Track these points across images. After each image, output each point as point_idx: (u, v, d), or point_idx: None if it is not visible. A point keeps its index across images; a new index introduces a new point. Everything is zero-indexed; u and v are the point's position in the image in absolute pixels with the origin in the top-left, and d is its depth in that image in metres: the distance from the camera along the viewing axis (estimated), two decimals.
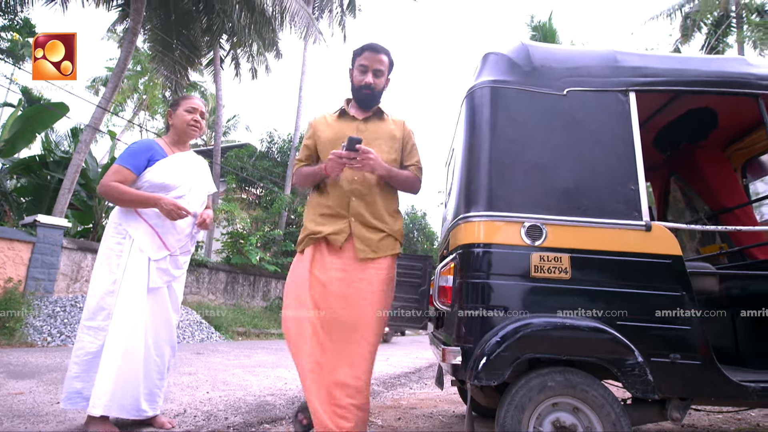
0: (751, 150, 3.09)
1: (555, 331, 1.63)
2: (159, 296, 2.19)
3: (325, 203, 1.95)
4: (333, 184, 1.95)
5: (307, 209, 2.04)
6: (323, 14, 17.28)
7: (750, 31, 12.97)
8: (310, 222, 1.96)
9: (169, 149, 2.33)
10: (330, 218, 1.92)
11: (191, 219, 2.30)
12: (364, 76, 1.98)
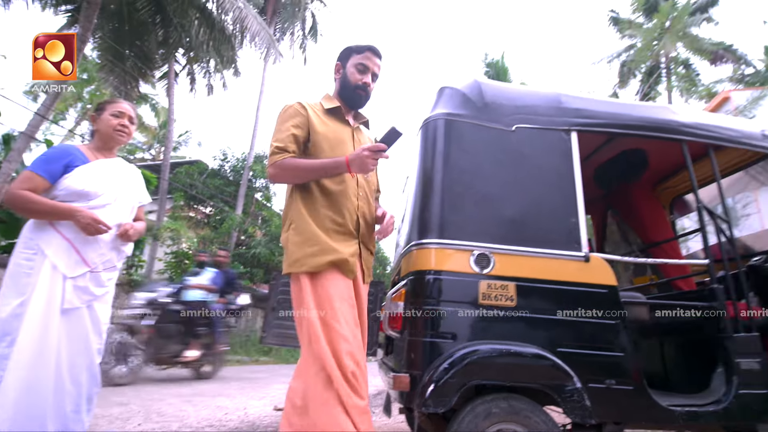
0: (677, 189, 3.39)
1: (500, 358, 1.67)
2: (76, 318, 1.94)
3: (333, 217, 1.65)
4: (340, 195, 1.68)
5: (306, 219, 1.64)
6: (284, 36, 17.40)
7: (677, 81, 14.39)
8: (324, 235, 1.61)
9: (92, 155, 2.12)
10: (342, 237, 1.64)
11: (116, 231, 2.08)
12: (363, 75, 1.81)
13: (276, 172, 1.67)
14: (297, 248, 1.60)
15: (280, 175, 1.67)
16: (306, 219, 1.64)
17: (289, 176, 1.68)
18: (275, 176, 1.68)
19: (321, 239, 1.59)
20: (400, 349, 1.81)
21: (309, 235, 1.60)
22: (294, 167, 1.65)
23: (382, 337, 2.53)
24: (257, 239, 14.10)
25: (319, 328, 1.48)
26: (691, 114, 2.36)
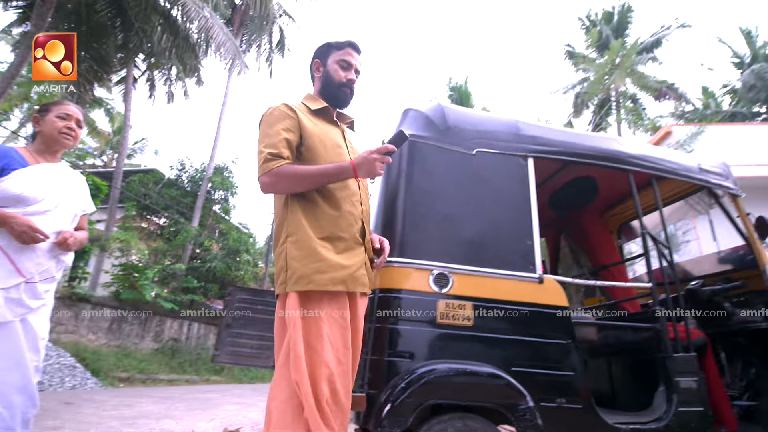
0: (624, 216, 3.58)
1: (457, 377, 1.69)
2: (8, 333, 1.80)
3: (339, 226, 1.50)
4: (345, 201, 1.54)
5: (307, 231, 1.47)
6: (251, 48, 17.28)
7: (625, 114, 15.37)
8: (326, 250, 1.46)
9: (33, 158, 2.01)
10: (349, 247, 1.50)
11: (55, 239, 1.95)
12: (347, 72, 1.69)
13: (271, 180, 1.47)
14: (300, 264, 1.43)
15: (277, 184, 1.48)
16: (307, 231, 1.46)
17: (287, 185, 1.50)
18: (270, 185, 1.49)
19: (323, 254, 1.44)
20: (362, 368, 1.80)
21: (310, 251, 1.44)
22: (293, 175, 1.47)
23: None
24: (213, 253, 13.65)
25: (302, 351, 1.36)
26: (637, 146, 2.53)
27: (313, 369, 1.36)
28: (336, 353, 1.41)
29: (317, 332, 1.40)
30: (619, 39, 16.08)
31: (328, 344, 1.39)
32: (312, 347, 1.38)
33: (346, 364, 1.43)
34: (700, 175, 2.59)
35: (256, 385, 11.21)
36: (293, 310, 1.42)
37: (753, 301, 2.56)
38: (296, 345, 1.38)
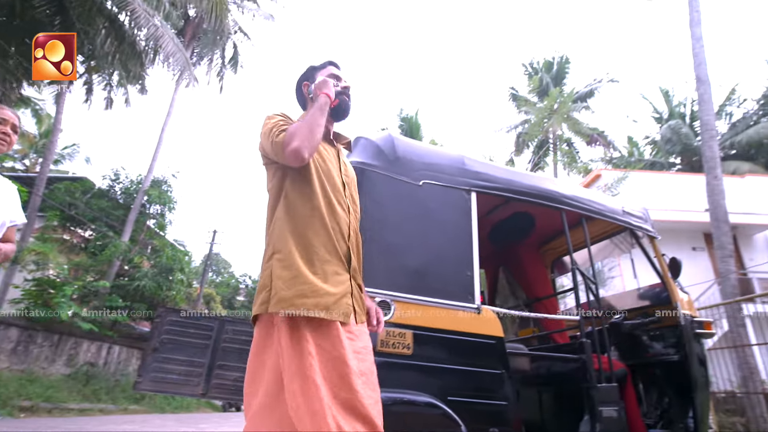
0: (558, 251, 3.80)
1: (394, 407, 1.68)
2: None
3: (325, 245, 1.43)
4: (331, 220, 1.47)
5: (292, 249, 1.39)
6: (202, 61, 16.88)
7: (561, 156, 16.52)
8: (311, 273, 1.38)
9: None
10: (333, 270, 1.43)
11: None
12: (340, 81, 1.66)
13: (298, 144, 1.39)
14: (284, 284, 1.35)
15: (304, 139, 1.40)
16: (293, 250, 1.40)
17: (309, 136, 1.42)
18: (302, 148, 1.39)
19: (309, 278, 1.36)
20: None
21: (296, 272, 1.36)
22: (301, 126, 1.43)
23: None
24: (143, 270, 12.77)
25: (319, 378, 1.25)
26: (571, 187, 2.72)
27: (311, 404, 1.23)
28: (332, 385, 1.28)
29: (309, 362, 1.28)
30: (557, 87, 17.44)
31: (322, 376, 1.28)
32: (309, 379, 1.26)
33: (345, 398, 1.28)
34: (623, 217, 2.82)
35: (180, 415, 10.44)
36: (279, 334, 1.33)
37: (667, 335, 2.79)
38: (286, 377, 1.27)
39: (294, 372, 1.27)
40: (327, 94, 1.50)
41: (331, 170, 1.55)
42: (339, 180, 1.56)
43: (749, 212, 12.55)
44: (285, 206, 1.48)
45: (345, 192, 1.56)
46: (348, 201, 1.55)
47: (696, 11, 8.95)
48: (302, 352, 1.29)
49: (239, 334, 2.64)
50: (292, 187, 1.49)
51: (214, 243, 22.47)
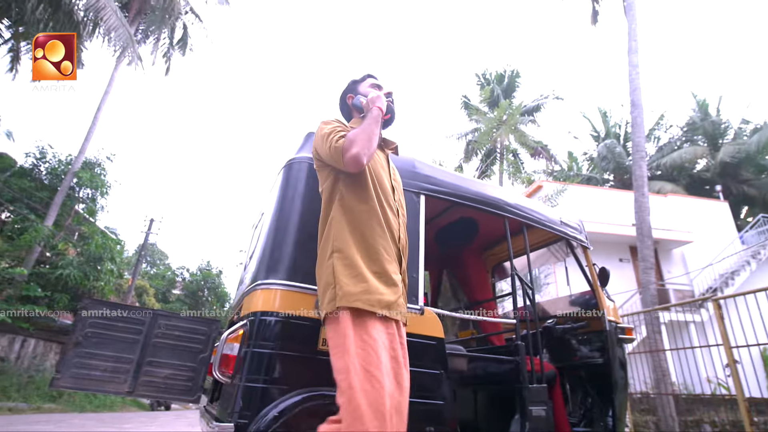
0: (499, 257, 3.95)
1: (334, 405, 1.66)
2: None
3: (385, 246, 1.48)
4: (386, 222, 1.52)
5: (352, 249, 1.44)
6: (147, 40, 15.91)
7: (507, 165, 17.20)
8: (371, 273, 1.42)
9: None
10: (392, 270, 1.48)
11: None
12: (382, 90, 1.77)
13: (351, 148, 1.45)
14: (350, 281, 1.38)
15: (363, 147, 1.45)
16: (353, 250, 1.43)
17: (367, 144, 1.47)
18: (360, 155, 1.44)
19: (368, 276, 1.40)
20: (229, 395, 1.68)
21: (358, 270, 1.40)
22: (359, 133, 1.48)
23: (210, 382, 2.31)
24: (68, 258, 11.82)
25: (357, 381, 1.24)
26: (514, 196, 2.84)
27: (376, 402, 1.21)
28: (391, 387, 1.27)
29: (377, 359, 1.27)
30: (507, 99, 18.15)
31: (388, 373, 1.28)
32: (373, 377, 1.24)
33: (397, 400, 1.28)
34: (561, 228, 2.98)
35: (102, 415, 9.78)
36: (343, 329, 1.32)
37: (593, 340, 2.98)
38: (348, 372, 1.26)
39: (357, 367, 1.26)
40: (380, 108, 1.58)
41: (382, 174, 1.61)
42: (388, 184, 1.62)
43: (669, 229, 13.72)
44: (341, 207, 1.52)
45: (394, 196, 1.62)
46: (396, 205, 1.61)
47: (634, 40, 9.65)
48: (365, 347, 1.29)
49: (173, 329, 2.51)
50: (347, 189, 1.53)
51: (150, 232, 21.26)
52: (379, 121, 1.55)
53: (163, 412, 13.99)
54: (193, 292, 25.11)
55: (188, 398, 2.42)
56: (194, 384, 2.46)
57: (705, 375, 4.97)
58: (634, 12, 9.93)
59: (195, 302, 24.16)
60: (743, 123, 20.92)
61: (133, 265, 20.52)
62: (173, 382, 2.45)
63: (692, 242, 14.00)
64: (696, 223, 14.59)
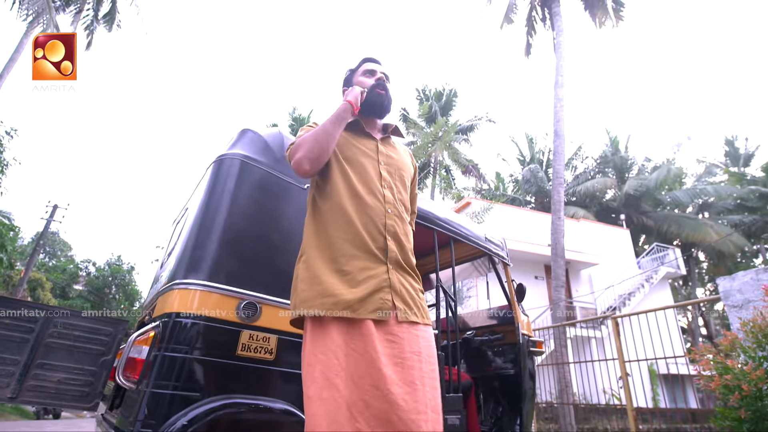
0: (426, 268, 4.05)
1: (249, 413, 1.60)
2: None
3: (349, 240, 1.36)
4: (360, 214, 1.40)
5: (313, 250, 1.38)
6: (68, 8, 14.50)
7: (439, 180, 17.79)
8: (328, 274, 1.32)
9: None
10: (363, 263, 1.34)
11: None
12: (374, 76, 1.66)
13: (296, 153, 1.40)
14: (306, 286, 1.31)
15: (301, 152, 1.39)
16: (314, 251, 1.37)
17: (309, 146, 1.40)
18: (299, 159, 1.39)
19: (323, 278, 1.30)
20: (133, 402, 1.55)
21: (314, 272, 1.32)
22: (308, 136, 1.42)
23: (111, 388, 2.12)
24: None
25: (313, 390, 1.17)
26: (444, 210, 2.93)
27: (333, 412, 1.13)
28: (362, 393, 1.16)
29: (337, 365, 1.18)
30: (444, 117, 18.84)
31: (351, 381, 1.17)
32: (332, 384, 1.16)
33: (379, 409, 1.15)
34: (485, 244, 3.13)
35: None
36: (306, 336, 1.28)
37: (507, 352, 3.15)
38: (305, 381, 1.20)
39: (315, 375, 1.18)
40: (349, 102, 1.48)
41: (363, 162, 1.50)
42: (374, 171, 1.50)
43: (580, 251, 14.95)
44: (311, 210, 1.49)
45: (382, 182, 1.48)
46: (386, 190, 1.48)
47: (561, 75, 10.48)
48: (326, 353, 1.20)
49: (72, 328, 2.27)
50: (317, 190, 1.50)
51: (51, 219, 19.19)
52: (342, 117, 1.46)
53: (51, 420, 12.58)
54: (98, 289, 22.96)
55: (84, 405, 2.19)
56: (92, 390, 2.24)
57: (602, 386, 5.44)
58: (562, 50, 10.80)
59: (100, 300, 22.13)
60: (646, 161, 23.53)
61: (28, 255, 18.37)
62: (67, 387, 2.22)
63: (598, 264, 15.37)
64: (602, 247, 16.05)
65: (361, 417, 1.13)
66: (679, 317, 22.39)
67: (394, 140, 1.71)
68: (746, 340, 2.50)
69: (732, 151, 26.29)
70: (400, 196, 1.52)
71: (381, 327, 1.27)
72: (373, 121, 1.65)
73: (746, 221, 22.15)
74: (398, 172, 1.57)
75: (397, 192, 1.52)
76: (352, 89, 1.54)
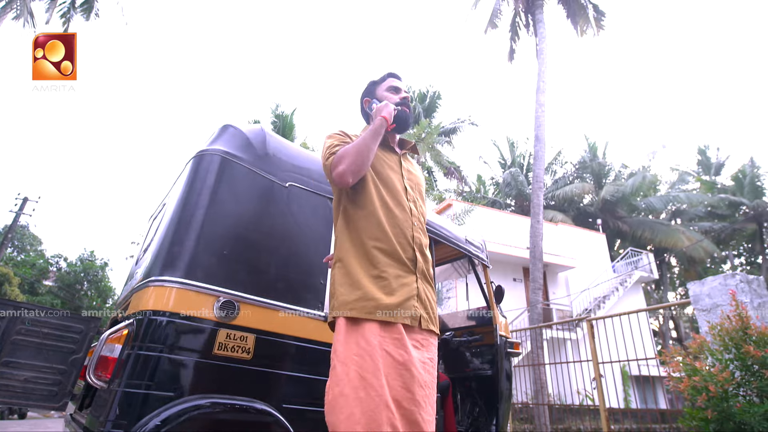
0: None
1: (224, 414, 1.58)
2: None
3: (385, 249, 1.43)
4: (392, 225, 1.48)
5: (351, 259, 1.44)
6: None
7: None
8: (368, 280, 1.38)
9: None
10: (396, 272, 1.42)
11: None
12: (398, 94, 1.73)
13: (338, 165, 1.45)
14: (345, 290, 1.37)
15: (344, 164, 1.44)
16: (352, 258, 1.43)
17: (352, 158, 1.45)
18: (342, 171, 1.44)
19: (364, 283, 1.36)
20: (104, 401, 1.51)
21: (355, 278, 1.38)
22: (350, 149, 1.46)
23: (81, 388, 2.06)
24: None
25: (348, 388, 1.19)
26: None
27: (371, 411, 1.15)
28: (395, 393, 1.20)
29: (373, 365, 1.21)
30: (427, 118, 18.92)
31: (385, 381, 1.20)
32: (369, 384, 1.18)
33: (408, 410, 1.20)
34: (465, 245, 3.15)
35: None
36: (340, 337, 1.31)
37: (485, 352, 3.18)
38: (340, 381, 1.22)
39: (351, 375, 1.21)
40: (385, 118, 1.54)
41: (390, 176, 1.57)
42: (400, 184, 1.57)
43: (557, 254, 15.23)
44: (344, 218, 1.53)
45: (407, 195, 1.57)
46: (411, 204, 1.56)
47: (542, 81, 10.65)
48: (361, 354, 1.24)
49: (40, 325, 2.20)
50: (347, 198, 1.54)
51: (21, 212, 18.55)
52: (380, 133, 1.53)
53: (16, 421, 12.14)
54: (69, 285, 22.29)
55: (52, 405, 2.13)
56: (61, 389, 2.18)
57: (576, 387, 5.55)
58: (544, 56, 10.99)
59: (71, 296, 21.49)
60: (622, 167, 24.13)
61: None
62: (34, 386, 2.16)
63: (575, 268, 15.68)
64: (579, 250, 16.38)
65: (395, 416, 1.18)
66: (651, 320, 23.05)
67: (410, 157, 1.81)
68: (714, 343, 2.58)
69: (704, 160, 27.21)
70: (422, 210, 1.62)
71: (409, 333, 1.34)
72: (394, 137, 1.74)
73: (716, 228, 22.95)
74: (418, 188, 1.68)
75: (419, 206, 1.61)
76: (385, 105, 1.60)
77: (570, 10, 12.57)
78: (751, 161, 23.68)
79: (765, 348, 2.30)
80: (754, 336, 2.41)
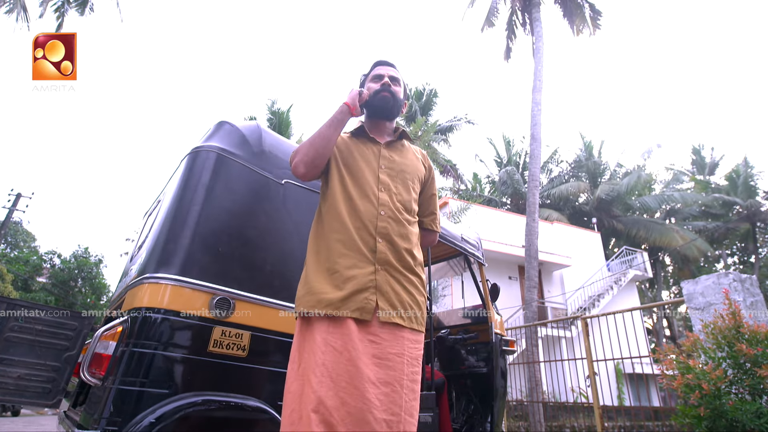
0: None
1: (219, 411, 1.58)
2: None
3: (340, 239, 1.40)
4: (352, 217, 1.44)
5: (310, 253, 1.46)
6: None
7: None
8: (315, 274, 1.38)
9: None
10: (351, 262, 1.36)
11: None
12: (380, 81, 1.64)
13: (294, 160, 1.49)
14: (300, 285, 1.42)
15: (298, 157, 1.47)
16: (309, 254, 1.46)
17: (305, 151, 1.47)
18: (296, 164, 1.48)
19: (311, 278, 1.37)
20: (98, 399, 1.50)
21: (306, 275, 1.41)
22: (305, 141, 1.50)
23: (75, 385, 2.05)
24: None
25: (291, 383, 1.24)
26: None
27: (305, 409, 1.16)
28: (338, 390, 1.16)
29: (314, 362, 1.21)
30: (424, 116, 18.92)
31: (330, 379, 1.17)
32: (307, 381, 1.20)
33: (355, 407, 1.15)
34: (461, 243, 3.16)
35: None
36: (295, 335, 1.35)
37: (480, 350, 3.19)
38: (287, 378, 1.28)
39: (297, 372, 1.25)
40: (347, 104, 1.53)
41: (360, 167, 1.52)
42: (371, 175, 1.52)
43: (553, 253, 15.29)
44: (316, 214, 1.55)
45: (379, 185, 1.50)
46: (383, 193, 1.49)
47: (539, 80, 10.67)
48: (309, 351, 1.25)
49: (33, 322, 2.19)
50: (321, 195, 1.56)
51: (14, 208, 18.41)
52: (340, 120, 1.50)
53: (9, 418, 12.10)
54: (63, 282, 22.16)
55: (45, 402, 2.12)
56: (55, 386, 2.16)
57: (570, 385, 5.59)
58: (540, 55, 11.00)
59: (65, 293, 21.37)
60: (618, 166, 24.21)
61: None
62: (28, 383, 2.14)
63: (570, 266, 15.75)
64: (574, 249, 16.45)
65: (336, 414, 1.13)
66: (645, 318, 23.22)
67: (406, 144, 1.73)
68: (707, 341, 2.60)
69: (698, 160, 27.39)
70: (399, 198, 1.52)
71: (363, 327, 1.28)
72: (382, 126, 1.67)
73: (710, 227, 23.11)
74: (401, 175, 1.57)
75: (396, 194, 1.52)
76: (350, 91, 1.58)
77: (567, 9, 12.59)
78: (745, 161, 23.86)
79: (757, 346, 2.32)
80: (746, 334, 2.43)
